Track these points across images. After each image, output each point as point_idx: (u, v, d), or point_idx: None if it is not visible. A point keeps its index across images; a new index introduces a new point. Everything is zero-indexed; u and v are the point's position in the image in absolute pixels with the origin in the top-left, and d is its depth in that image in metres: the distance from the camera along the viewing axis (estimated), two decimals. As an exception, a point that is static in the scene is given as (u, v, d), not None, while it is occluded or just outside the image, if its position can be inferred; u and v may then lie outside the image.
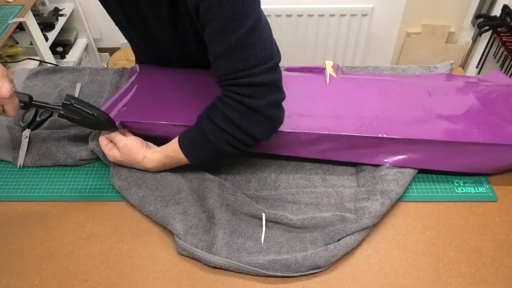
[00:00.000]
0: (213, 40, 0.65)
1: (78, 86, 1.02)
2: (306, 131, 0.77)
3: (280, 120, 0.71)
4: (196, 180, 0.77)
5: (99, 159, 0.84)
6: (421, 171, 0.79)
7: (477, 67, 1.93)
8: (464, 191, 0.77)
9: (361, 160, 0.80)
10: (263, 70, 0.64)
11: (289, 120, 0.77)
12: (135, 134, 0.81)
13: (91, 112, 0.73)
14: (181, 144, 0.74)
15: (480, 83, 0.92)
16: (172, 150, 0.75)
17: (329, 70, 0.94)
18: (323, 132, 0.77)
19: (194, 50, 0.85)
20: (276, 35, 0.68)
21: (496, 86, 0.91)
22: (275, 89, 0.67)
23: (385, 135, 0.76)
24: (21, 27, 1.80)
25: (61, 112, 0.73)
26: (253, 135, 0.69)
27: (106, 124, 0.75)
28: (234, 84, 0.65)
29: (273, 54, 0.65)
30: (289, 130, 0.77)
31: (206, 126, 0.70)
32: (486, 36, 1.87)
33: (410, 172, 0.77)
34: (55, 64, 1.84)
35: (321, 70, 0.95)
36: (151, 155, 0.76)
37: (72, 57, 2.24)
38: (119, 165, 0.80)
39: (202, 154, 0.74)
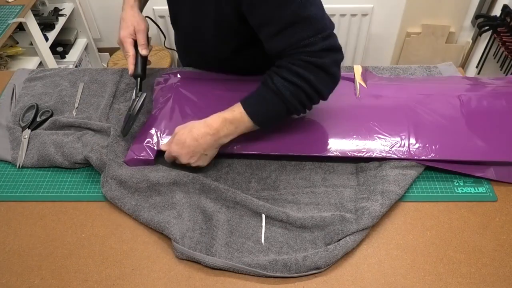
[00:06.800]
0: (266, 20, 0.72)
1: (81, 86, 1.02)
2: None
3: (338, 79, 0.76)
4: (191, 184, 0.77)
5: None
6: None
7: (477, 67, 1.93)
8: (464, 191, 0.77)
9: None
10: (320, 39, 0.70)
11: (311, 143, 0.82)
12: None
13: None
14: (245, 105, 0.75)
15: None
16: (233, 114, 0.75)
17: (358, 79, 0.94)
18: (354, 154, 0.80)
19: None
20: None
21: None
22: (336, 51, 0.73)
23: (414, 157, 0.78)
24: (21, 27, 1.80)
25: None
26: (319, 90, 0.73)
27: None
28: (301, 52, 0.71)
29: (327, 23, 0.72)
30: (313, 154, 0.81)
31: (276, 82, 0.73)
32: (486, 36, 1.87)
33: (411, 174, 0.76)
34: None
35: (351, 80, 0.96)
36: (208, 120, 0.76)
37: (72, 57, 2.24)
38: (108, 174, 0.78)
39: (269, 112, 0.75)
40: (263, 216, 0.73)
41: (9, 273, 0.68)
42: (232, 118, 0.75)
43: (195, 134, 0.75)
